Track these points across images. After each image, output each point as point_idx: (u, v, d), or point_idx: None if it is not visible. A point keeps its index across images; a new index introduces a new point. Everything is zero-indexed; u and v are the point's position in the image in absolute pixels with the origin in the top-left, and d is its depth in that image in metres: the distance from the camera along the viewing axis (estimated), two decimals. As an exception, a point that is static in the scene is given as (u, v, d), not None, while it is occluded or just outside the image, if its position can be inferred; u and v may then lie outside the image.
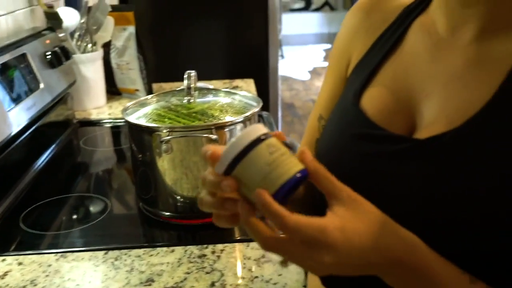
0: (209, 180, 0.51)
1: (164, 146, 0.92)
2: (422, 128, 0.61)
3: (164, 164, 0.95)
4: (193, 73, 1.00)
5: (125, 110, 1.00)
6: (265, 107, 1.89)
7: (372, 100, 0.66)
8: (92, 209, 1.05)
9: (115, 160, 1.33)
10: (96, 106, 1.68)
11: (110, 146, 1.44)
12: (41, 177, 1.20)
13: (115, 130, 1.53)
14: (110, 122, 1.56)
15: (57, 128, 1.44)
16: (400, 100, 0.64)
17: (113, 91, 1.79)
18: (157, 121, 0.96)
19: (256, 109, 0.99)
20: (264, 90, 2.16)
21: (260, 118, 1.52)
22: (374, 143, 0.62)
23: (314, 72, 5.42)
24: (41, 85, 1.30)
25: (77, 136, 1.49)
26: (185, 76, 0.99)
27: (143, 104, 1.04)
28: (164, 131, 0.92)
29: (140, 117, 0.99)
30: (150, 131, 0.94)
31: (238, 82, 1.94)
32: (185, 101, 1.01)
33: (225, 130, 0.94)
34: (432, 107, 0.61)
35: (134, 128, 0.97)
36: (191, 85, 0.99)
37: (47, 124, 1.34)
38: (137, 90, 1.74)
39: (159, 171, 0.96)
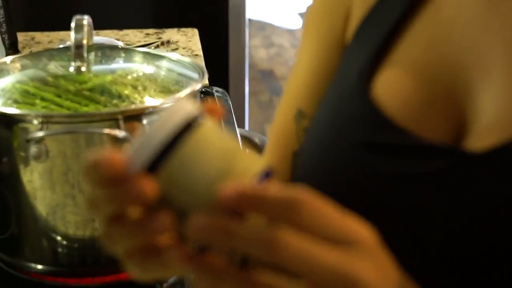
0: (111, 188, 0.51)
1: (33, 149, 0.93)
2: (477, 132, 0.64)
3: (33, 179, 0.96)
4: (85, 19, 0.99)
5: None
6: (218, 79, 1.87)
7: (390, 87, 0.68)
8: None
9: None
10: None
11: None
12: None
13: None
14: None
15: None
16: (437, 87, 0.67)
17: None
18: (21, 104, 0.97)
19: (197, 85, 0.99)
20: (219, 48, 2.15)
21: (204, 98, 1.51)
22: (396, 157, 0.65)
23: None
24: None
25: None
26: (73, 24, 0.98)
27: (4, 72, 1.04)
28: (34, 122, 0.93)
29: None
30: (8, 121, 0.94)
31: (170, 34, 1.95)
32: (72, 69, 1.01)
33: (141, 121, 0.94)
34: (494, 97, 0.64)
35: None
36: (83, 41, 0.97)
37: None
38: (-13, 44, 1.71)
39: (24, 192, 0.97)
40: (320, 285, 0.50)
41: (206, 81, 1.02)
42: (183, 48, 1.83)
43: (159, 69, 1.06)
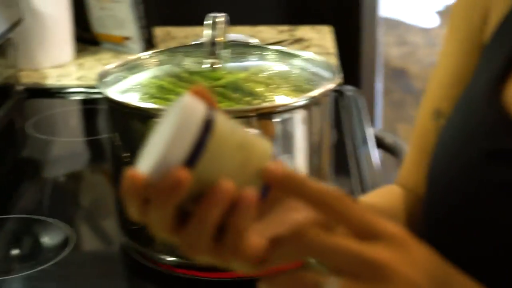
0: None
1: None
2: None
3: None
4: (221, 17, 0.99)
5: (103, 76, 1.02)
6: (351, 78, 1.85)
7: None
8: (44, 242, 1.07)
9: (86, 159, 1.34)
10: (57, 63, 1.70)
11: (77, 135, 1.46)
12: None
13: (88, 107, 1.55)
14: (79, 93, 1.58)
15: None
16: None
17: (86, 38, 1.82)
18: (157, 98, 0.98)
19: (330, 84, 0.98)
20: (351, 47, 2.13)
21: (338, 98, 1.51)
22: None
23: (446, 15, 5.38)
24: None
25: (22, 114, 1.53)
26: (209, 21, 0.98)
27: (135, 67, 1.05)
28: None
29: (128, 89, 1.00)
30: (143, 115, 0.96)
31: (304, 31, 1.94)
32: (206, 65, 1.01)
33: (274, 120, 0.95)
34: None
35: (117, 109, 0.99)
36: (217, 38, 0.98)
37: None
38: (126, 38, 1.76)
39: None
40: (352, 276, 0.53)
41: (340, 80, 1.01)
42: (316, 46, 1.82)
43: (291, 67, 1.05)
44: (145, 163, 0.55)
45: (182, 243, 0.55)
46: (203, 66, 1.01)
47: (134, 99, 0.97)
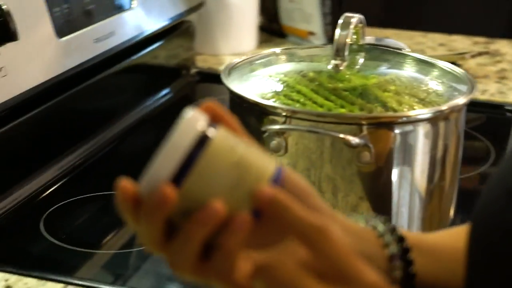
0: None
1: (274, 141, 0.91)
2: None
3: None
4: (355, 17, 0.97)
5: (229, 68, 1.03)
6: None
7: None
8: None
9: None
10: (238, 51, 1.72)
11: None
12: (110, 156, 1.27)
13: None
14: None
15: (157, 79, 1.50)
16: None
17: (273, 29, 1.83)
18: (279, 95, 0.95)
19: (461, 99, 0.94)
20: None
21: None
22: None
23: None
24: (134, 3, 1.36)
25: (190, 96, 1.57)
26: (340, 21, 0.96)
27: (264, 62, 1.06)
28: (280, 115, 0.92)
29: (252, 83, 1.01)
30: (258, 111, 0.95)
31: (500, 45, 1.84)
32: (330, 66, 1.00)
33: (386, 130, 0.92)
34: None
35: (236, 102, 0.99)
36: (346, 40, 0.96)
37: (137, 67, 1.42)
38: (311, 33, 1.76)
39: None
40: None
41: (474, 95, 0.95)
42: (508, 62, 1.72)
43: (427, 77, 1.01)
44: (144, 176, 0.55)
45: (168, 259, 0.55)
46: (329, 67, 0.99)
47: (254, 94, 0.96)
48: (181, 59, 1.58)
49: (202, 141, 0.54)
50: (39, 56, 1.12)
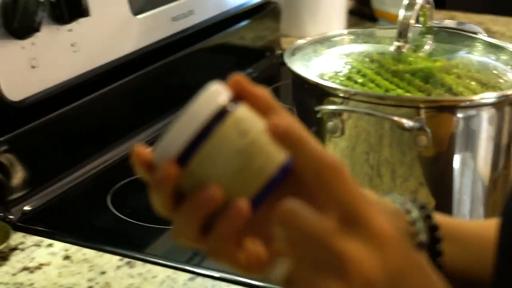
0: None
1: (329, 122, 0.91)
2: None
3: (336, 153, 0.96)
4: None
5: (293, 48, 1.03)
6: None
7: None
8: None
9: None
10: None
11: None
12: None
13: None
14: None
15: (240, 58, 1.51)
16: None
17: (364, 13, 1.81)
18: (340, 76, 0.95)
19: None
20: None
21: None
22: None
23: None
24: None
25: (276, 75, 1.55)
26: (405, 1, 0.94)
27: (330, 43, 1.06)
28: (339, 95, 0.92)
29: (314, 65, 1.00)
30: (318, 92, 0.95)
31: None
32: (392, 48, 0.98)
33: (447, 114, 0.90)
34: None
35: (297, 83, 0.99)
36: (410, 21, 0.94)
37: (220, 46, 1.43)
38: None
39: None
40: (312, 262, 0.49)
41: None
42: None
43: (496, 62, 0.98)
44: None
45: (173, 224, 0.55)
46: (390, 48, 0.97)
47: (314, 75, 0.95)
48: (266, 41, 1.58)
49: (217, 118, 0.53)
50: (113, 33, 1.14)
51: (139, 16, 1.19)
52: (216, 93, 0.55)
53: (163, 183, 0.53)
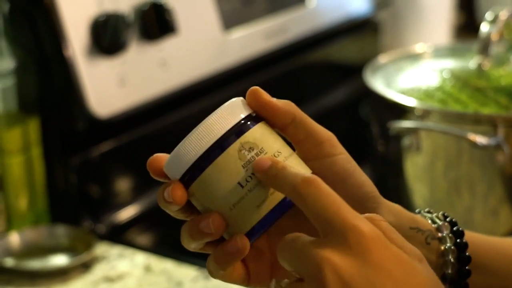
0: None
1: (406, 139, 0.91)
2: None
3: (409, 168, 0.97)
4: (505, 12, 0.94)
5: (374, 65, 1.05)
6: None
7: None
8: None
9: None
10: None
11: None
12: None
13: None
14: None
15: (339, 73, 1.51)
16: None
17: (469, 24, 1.78)
18: (420, 93, 0.96)
19: None
20: None
21: None
22: None
23: None
24: (313, 2, 1.38)
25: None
26: (488, 16, 0.94)
27: (415, 59, 1.08)
28: (415, 113, 0.93)
29: (394, 81, 1.02)
30: (394, 108, 0.96)
31: None
32: (471, 64, 0.99)
33: None
34: None
35: (376, 99, 1.00)
36: (491, 36, 0.93)
37: (309, 64, 1.44)
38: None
39: (403, 178, 0.98)
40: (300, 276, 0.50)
41: None
42: None
43: None
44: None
45: (183, 228, 0.56)
46: (469, 65, 0.97)
47: (394, 91, 0.96)
48: (365, 57, 1.58)
49: (222, 143, 0.53)
50: (202, 50, 1.17)
51: (230, 33, 1.22)
52: (238, 108, 0.54)
53: (169, 203, 0.54)
